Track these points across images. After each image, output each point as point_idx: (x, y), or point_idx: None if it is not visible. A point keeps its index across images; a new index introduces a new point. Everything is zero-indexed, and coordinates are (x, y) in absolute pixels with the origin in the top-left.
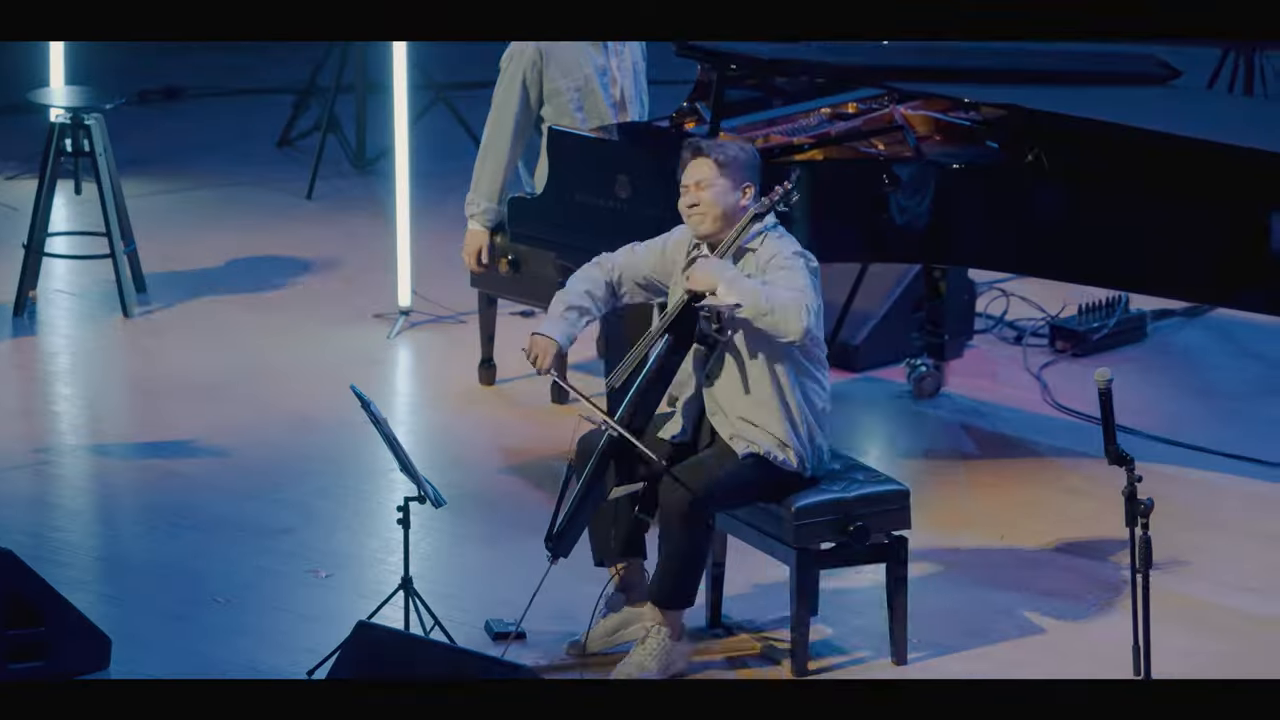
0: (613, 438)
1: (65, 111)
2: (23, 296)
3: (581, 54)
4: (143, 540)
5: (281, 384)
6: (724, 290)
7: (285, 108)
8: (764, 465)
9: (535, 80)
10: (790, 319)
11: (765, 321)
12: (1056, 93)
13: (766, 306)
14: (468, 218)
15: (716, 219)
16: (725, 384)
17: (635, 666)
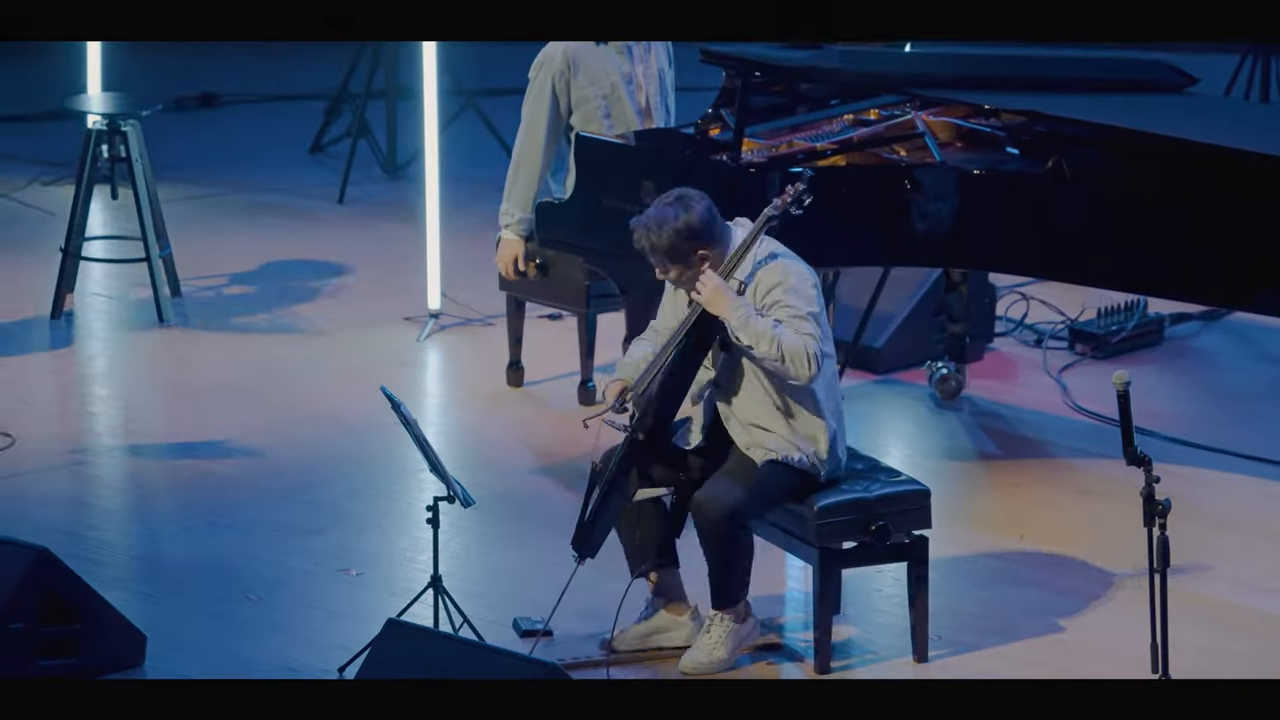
0: (633, 440)
1: (102, 118)
2: (60, 300)
3: (608, 62)
4: (178, 539)
5: (313, 386)
6: (736, 329)
7: (317, 114)
8: (784, 468)
9: (564, 89)
10: (800, 367)
11: (775, 366)
12: (1076, 100)
13: (777, 354)
14: (502, 227)
15: (694, 285)
16: (736, 394)
17: (705, 654)
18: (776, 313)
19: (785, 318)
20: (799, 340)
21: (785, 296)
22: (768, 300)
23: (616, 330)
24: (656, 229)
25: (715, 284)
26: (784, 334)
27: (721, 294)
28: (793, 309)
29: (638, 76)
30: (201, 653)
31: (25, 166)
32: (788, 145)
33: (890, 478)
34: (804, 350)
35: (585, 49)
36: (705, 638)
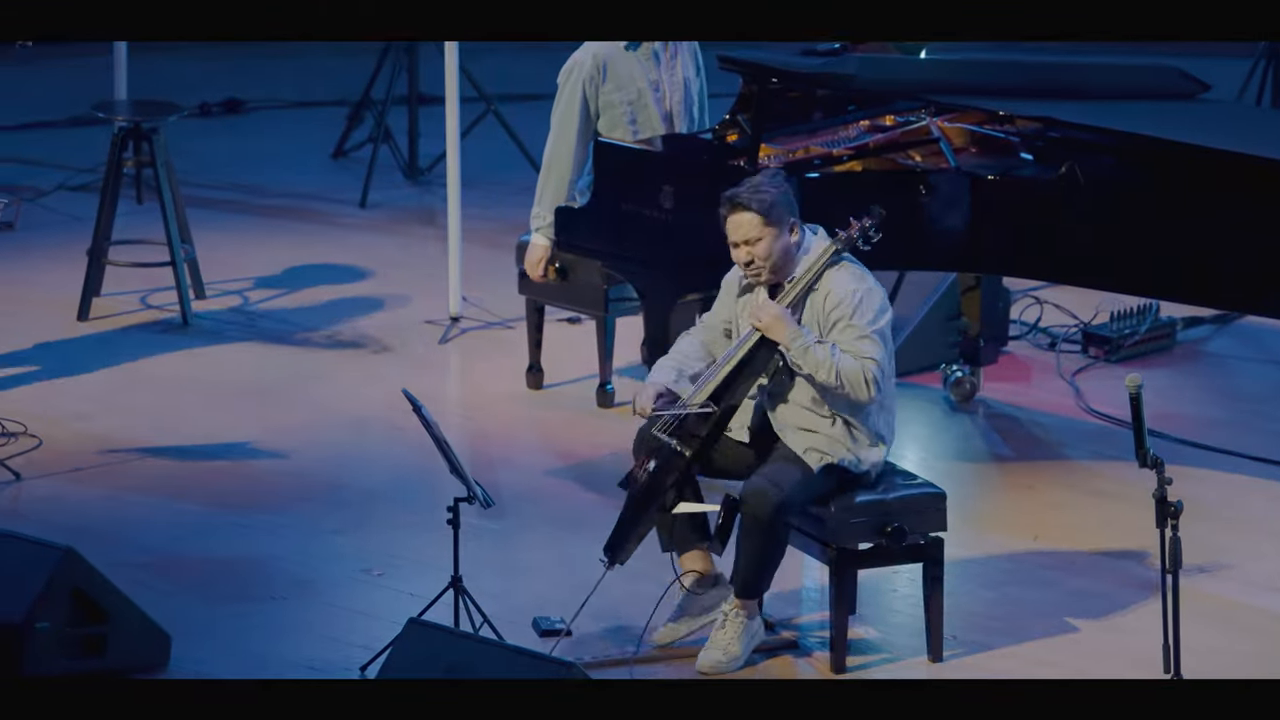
0: (680, 456)
1: (128, 124)
2: (87, 303)
3: (636, 67)
4: (201, 540)
5: (336, 388)
6: (795, 358)
7: (340, 120)
8: (837, 470)
9: (594, 94)
10: (859, 390)
11: (835, 391)
12: (1089, 106)
13: (835, 382)
14: (532, 230)
15: (775, 269)
16: (790, 404)
17: (721, 650)
18: (838, 332)
19: (847, 340)
20: (857, 365)
21: (848, 314)
22: (831, 317)
23: (635, 333)
24: (758, 190)
25: (775, 312)
26: (842, 360)
27: (781, 323)
28: (856, 329)
29: (663, 84)
30: (225, 652)
31: (52, 171)
32: (804, 151)
33: (906, 480)
34: (861, 375)
35: (614, 55)
36: (720, 634)
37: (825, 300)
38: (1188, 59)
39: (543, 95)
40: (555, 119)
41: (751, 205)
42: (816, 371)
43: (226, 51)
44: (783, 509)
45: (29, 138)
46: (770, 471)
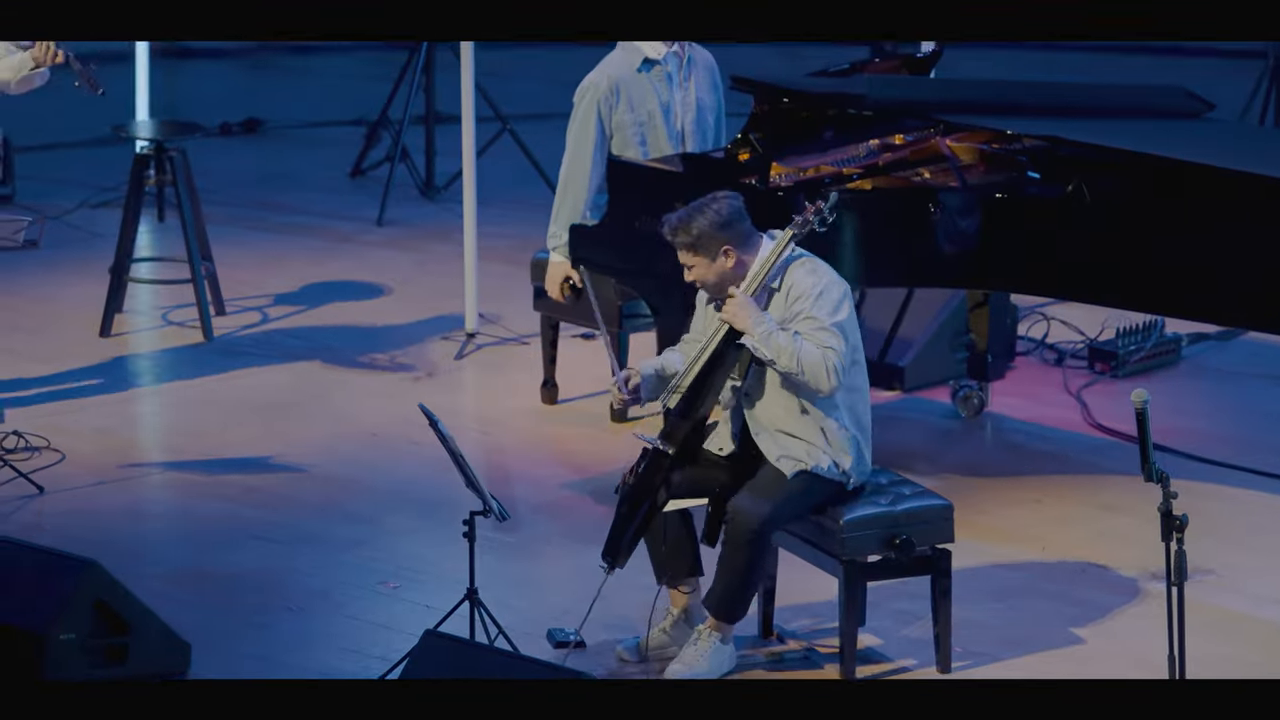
0: (661, 453)
1: (150, 143)
2: (109, 319)
3: (648, 89)
4: (221, 552)
5: (353, 403)
6: (758, 344)
7: (358, 139)
8: (814, 479)
9: (608, 114)
10: (819, 379)
11: (796, 379)
12: (1095, 125)
13: (797, 368)
14: (550, 250)
15: (716, 287)
16: (764, 402)
17: (686, 666)
18: (800, 324)
19: (808, 330)
20: (818, 353)
21: (810, 306)
22: (794, 310)
23: (649, 349)
24: (686, 220)
25: (740, 300)
26: (804, 347)
27: (745, 310)
28: (816, 320)
29: (675, 105)
30: (244, 662)
31: (75, 190)
32: (815, 169)
33: (914, 492)
34: (822, 363)
35: (628, 77)
36: (691, 649)
37: (788, 294)
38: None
39: (557, 114)
40: (571, 139)
41: (676, 239)
42: (779, 357)
43: (246, 71)
44: (765, 528)
45: (53, 157)
46: (753, 490)
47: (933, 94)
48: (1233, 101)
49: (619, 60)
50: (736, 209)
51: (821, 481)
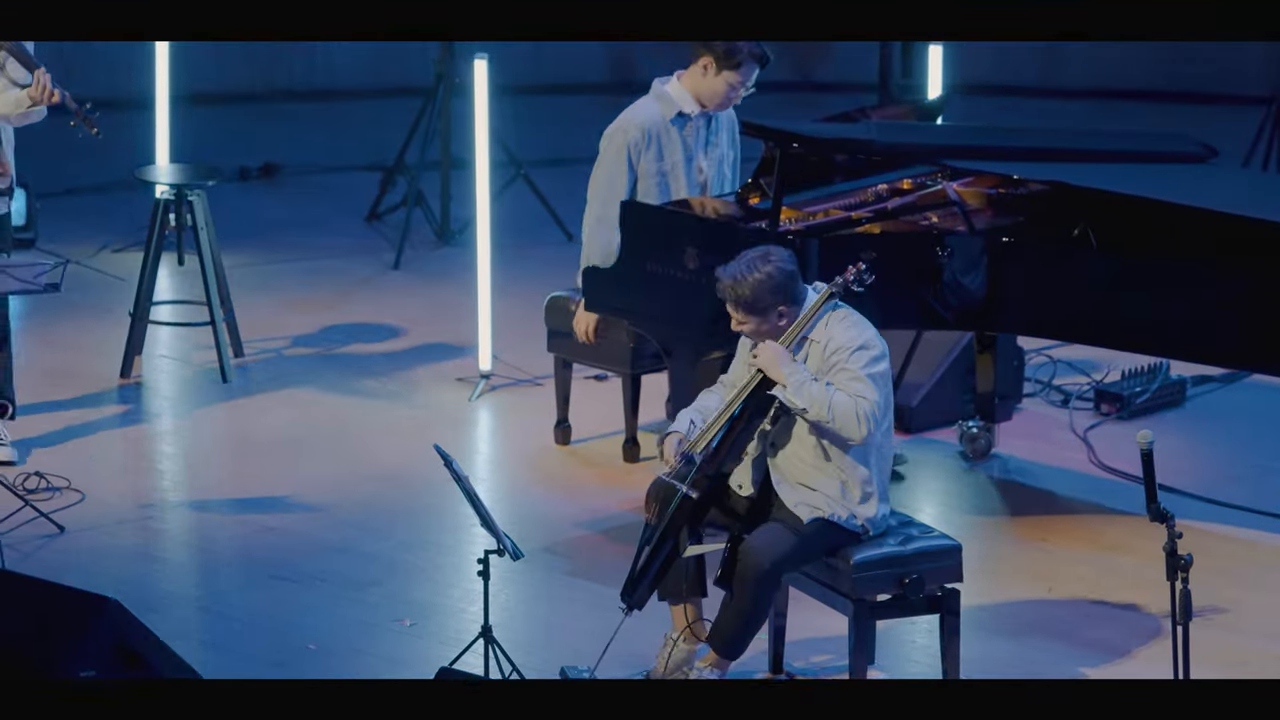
0: (687, 498)
1: (169, 188)
2: (129, 361)
3: (677, 142)
4: (240, 591)
5: (369, 443)
6: (791, 394)
7: (374, 183)
8: (830, 527)
9: (636, 158)
10: (850, 428)
11: (828, 427)
12: (1101, 170)
13: (828, 416)
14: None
15: (766, 339)
16: (788, 452)
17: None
18: (836, 375)
19: (843, 380)
20: (850, 401)
21: (846, 359)
22: (831, 361)
23: (660, 390)
24: (741, 279)
25: (773, 350)
26: (836, 397)
27: (778, 360)
28: (850, 372)
29: (699, 159)
30: None
31: (96, 234)
32: (824, 214)
33: (923, 533)
34: (854, 411)
35: (660, 125)
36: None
37: (825, 347)
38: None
39: (571, 160)
40: (600, 181)
41: (730, 296)
42: (811, 406)
43: (264, 117)
44: (772, 572)
45: (75, 202)
46: (766, 533)
47: (940, 139)
48: (1236, 147)
49: (651, 108)
50: (790, 271)
51: (837, 530)
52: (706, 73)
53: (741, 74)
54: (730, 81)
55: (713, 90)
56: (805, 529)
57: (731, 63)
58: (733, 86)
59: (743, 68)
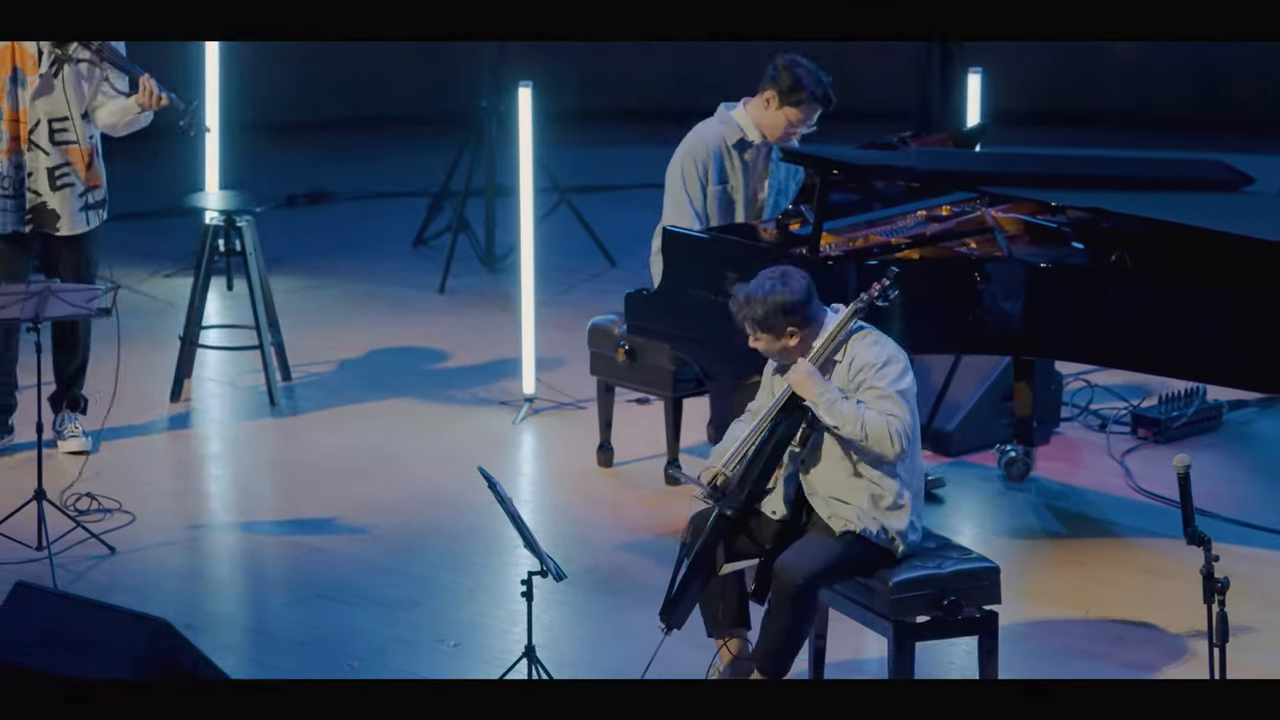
0: (722, 516)
1: (219, 214)
2: (179, 385)
3: (738, 167)
4: (287, 611)
5: (415, 466)
6: (823, 412)
7: (420, 210)
8: (861, 541)
9: (703, 176)
10: (884, 445)
11: (860, 445)
12: (1137, 197)
13: (861, 434)
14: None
15: (781, 360)
16: (819, 468)
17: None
18: (864, 393)
19: (871, 398)
20: (881, 419)
21: (873, 376)
22: (857, 380)
23: (701, 414)
24: (754, 298)
25: (805, 369)
26: (868, 415)
27: (810, 379)
28: (878, 389)
29: (757, 185)
30: None
31: (147, 260)
32: (864, 239)
33: (962, 555)
34: (886, 429)
35: (721, 146)
36: None
37: (851, 365)
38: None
39: (613, 187)
40: (675, 197)
41: (742, 314)
42: (843, 425)
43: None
44: (806, 586)
45: (127, 227)
46: (798, 547)
47: (978, 166)
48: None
49: (715, 131)
50: (804, 290)
51: (868, 545)
52: (769, 106)
53: (803, 112)
54: (790, 118)
55: (773, 123)
56: (836, 543)
57: (793, 99)
58: (792, 123)
59: (804, 106)
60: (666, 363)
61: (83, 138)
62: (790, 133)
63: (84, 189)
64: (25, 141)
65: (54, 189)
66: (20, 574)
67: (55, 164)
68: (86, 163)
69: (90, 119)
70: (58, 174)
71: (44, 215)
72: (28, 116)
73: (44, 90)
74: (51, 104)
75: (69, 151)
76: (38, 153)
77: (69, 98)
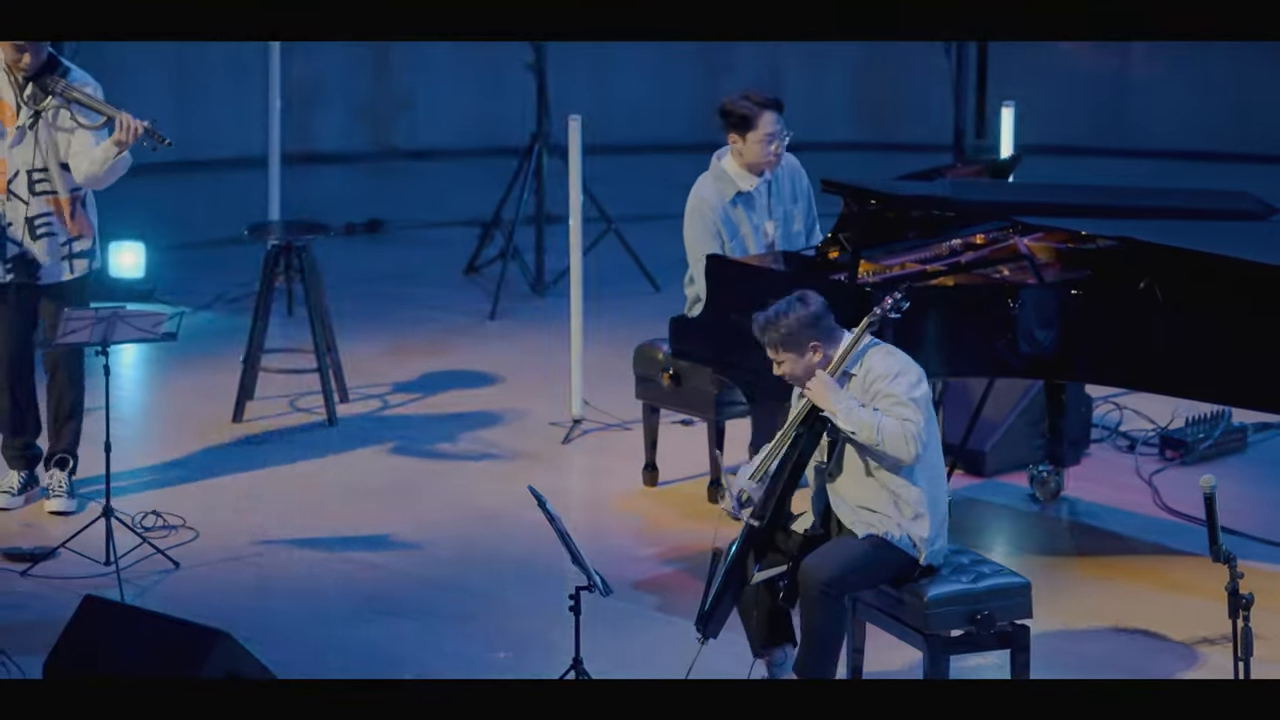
0: (751, 527)
1: (280, 242)
2: (241, 406)
3: (743, 217)
4: (343, 625)
5: (467, 484)
6: (841, 420)
7: (472, 238)
8: (884, 545)
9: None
10: (900, 448)
11: (878, 449)
12: (1166, 226)
13: (877, 438)
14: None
15: (804, 378)
16: (844, 478)
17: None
18: (880, 401)
19: (886, 405)
20: (897, 424)
21: (888, 385)
22: (874, 390)
23: (743, 435)
24: (775, 320)
25: (822, 379)
26: (884, 421)
27: (826, 390)
28: (893, 397)
29: (765, 226)
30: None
31: (211, 285)
32: (900, 267)
33: (994, 571)
34: (902, 433)
35: (722, 205)
36: None
37: (866, 377)
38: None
39: (659, 215)
40: (700, 253)
41: (765, 336)
42: (859, 430)
43: (369, 176)
44: (833, 581)
45: (192, 255)
46: (823, 550)
47: (1012, 197)
48: None
49: (714, 190)
50: (822, 306)
51: (893, 550)
52: (738, 144)
53: (762, 126)
54: (758, 139)
55: (754, 156)
56: (860, 546)
57: (746, 125)
58: (765, 141)
59: (760, 120)
60: (709, 386)
61: (62, 188)
62: (773, 150)
63: (66, 238)
64: (4, 192)
65: (34, 238)
66: (89, 588)
67: (35, 214)
68: (69, 212)
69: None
70: (37, 223)
71: (24, 265)
72: (6, 167)
73: (20, 141)
74: (29, 154)
75: (50, 201)
76: (16, 203)
77: (45, 148)
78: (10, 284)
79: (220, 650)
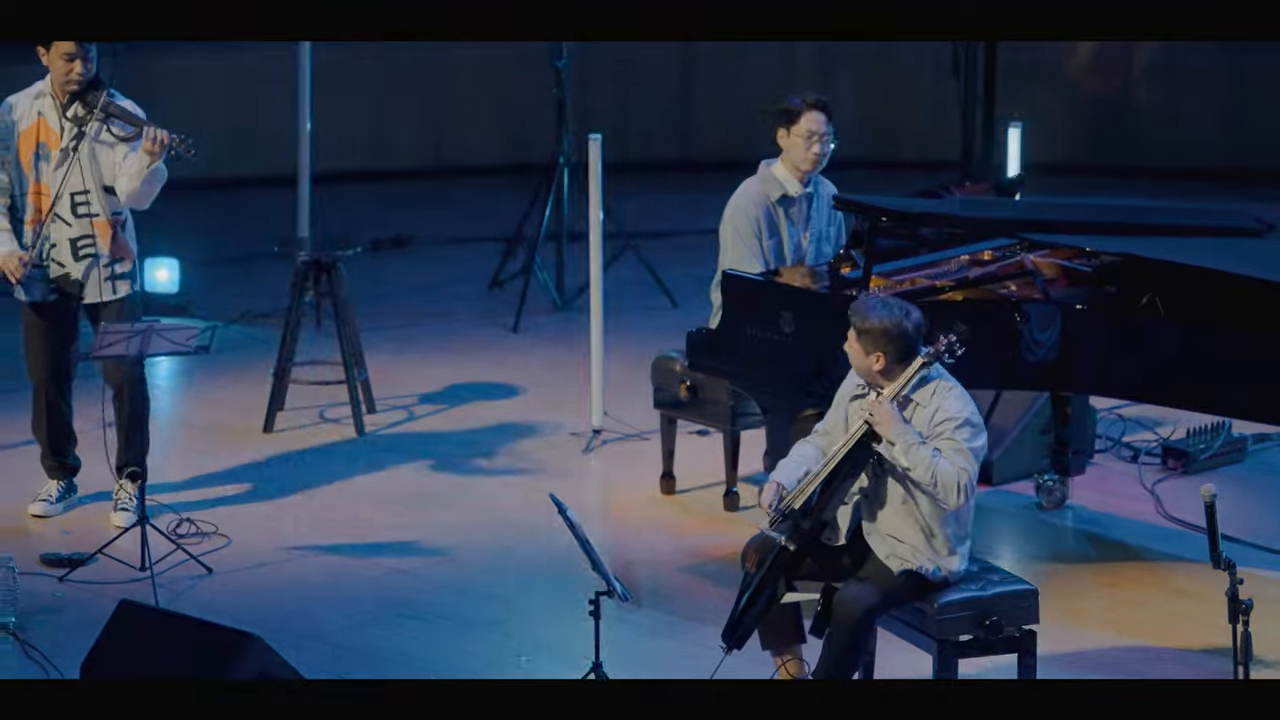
0: (784, 550)
1: (310, 257)
2: (271, 417)
3: (783, 221)
4: (371, 627)
5: (490, 492)
6: (899, 453)
7: (495, 254)
8: (918, 578)
9: (755, 229)
10: (950, 495)
11: (928, 489)
12: (1168, 243)
13: (930, 480)
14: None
15: (857, 369)
16: (881, 505)
17: None
18: (941, 442)
19: (948, 449)
20: (953, 471)
21: (953, 430)
22: (938, 429)
23: (758, 445)
24: (867, 312)
25: (887, 409)
26: (941, 463)
27: (890, 419)
28: (955, 443)
29: (799, 238)
30: None
31: (242, 300)
32: (911, 283)
33: (1002, 578)
34: (956, 482)
35: (767, 205)
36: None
37: (935, 414)
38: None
39: (677, 233)
40: (735, 251)
41: (853, 318)
42: (915, 467)
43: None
44: (868, 617)
45: (224, 271)
46: (860, 580)
47: (1018, 214)
48: None
49: (759, 190)
50: (913, 328)
51: (924, 581)
52: (784, 140)
53: (806, 122)
54: (801, 134)
55: (798, 153)
56: (895, 580)
57: (790, 119)
58: (807, 138)
59: (803, 117)
60: (725, 397)
61: (104, 210)
62: (813, 149)
63: (109, 260)
64: (49, 214)
65: (76, 259)
66: (124, 593)
67: (77, 235)
68: (111, 235)
69: (114, 192)
70: (80, 244)
71: (68, 285)
72: (50, 189)
73: (64, 163)
74: (72, 177)
75: (93, 224)
76: (60, 224)
77: (88, 171)
78: (59, 304)
79: (251, 653)
